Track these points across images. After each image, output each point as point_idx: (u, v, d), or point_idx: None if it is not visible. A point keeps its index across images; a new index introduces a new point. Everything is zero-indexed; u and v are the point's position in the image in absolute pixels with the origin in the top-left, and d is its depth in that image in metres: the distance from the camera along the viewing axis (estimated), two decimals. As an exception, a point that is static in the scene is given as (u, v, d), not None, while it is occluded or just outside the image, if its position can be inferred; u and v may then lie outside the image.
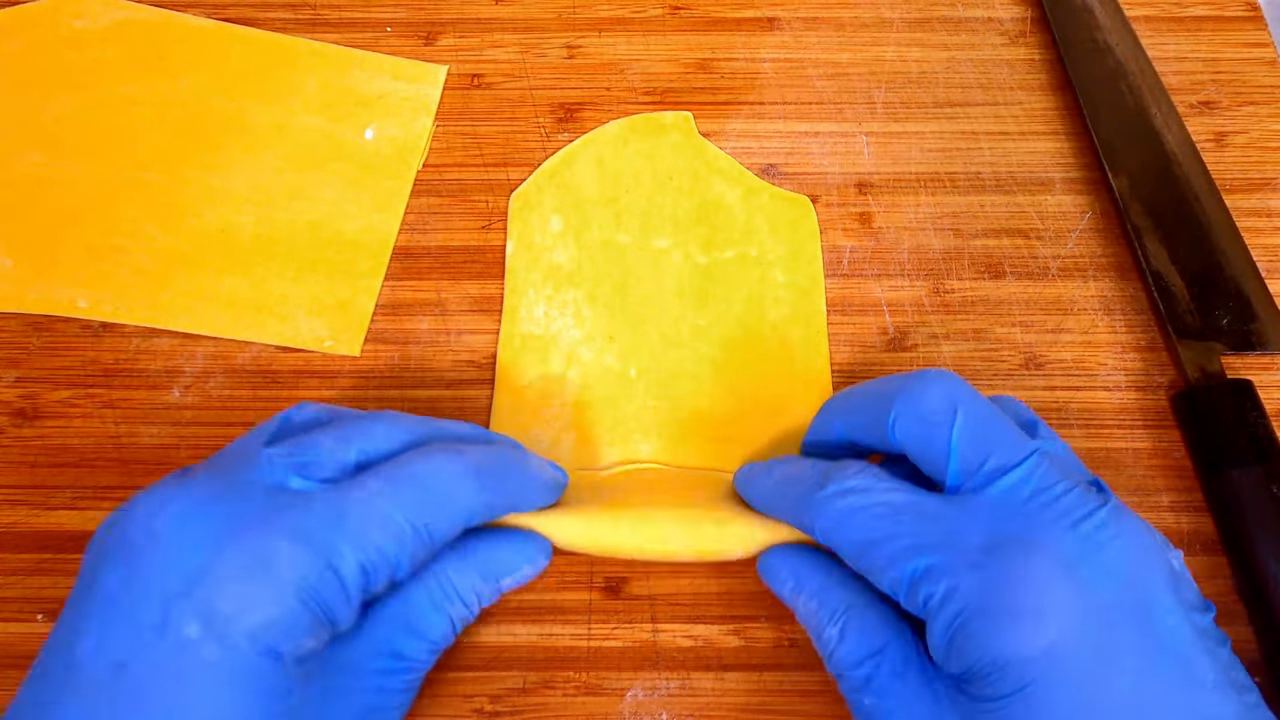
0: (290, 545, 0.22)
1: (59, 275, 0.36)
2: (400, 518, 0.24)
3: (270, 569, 0.22)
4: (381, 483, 0.24)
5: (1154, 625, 0.22)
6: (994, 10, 0.42)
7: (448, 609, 0.26)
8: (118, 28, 0.41)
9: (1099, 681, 0.21)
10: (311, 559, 0.22)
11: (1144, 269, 0.35)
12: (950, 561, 0.23)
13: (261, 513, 0.23)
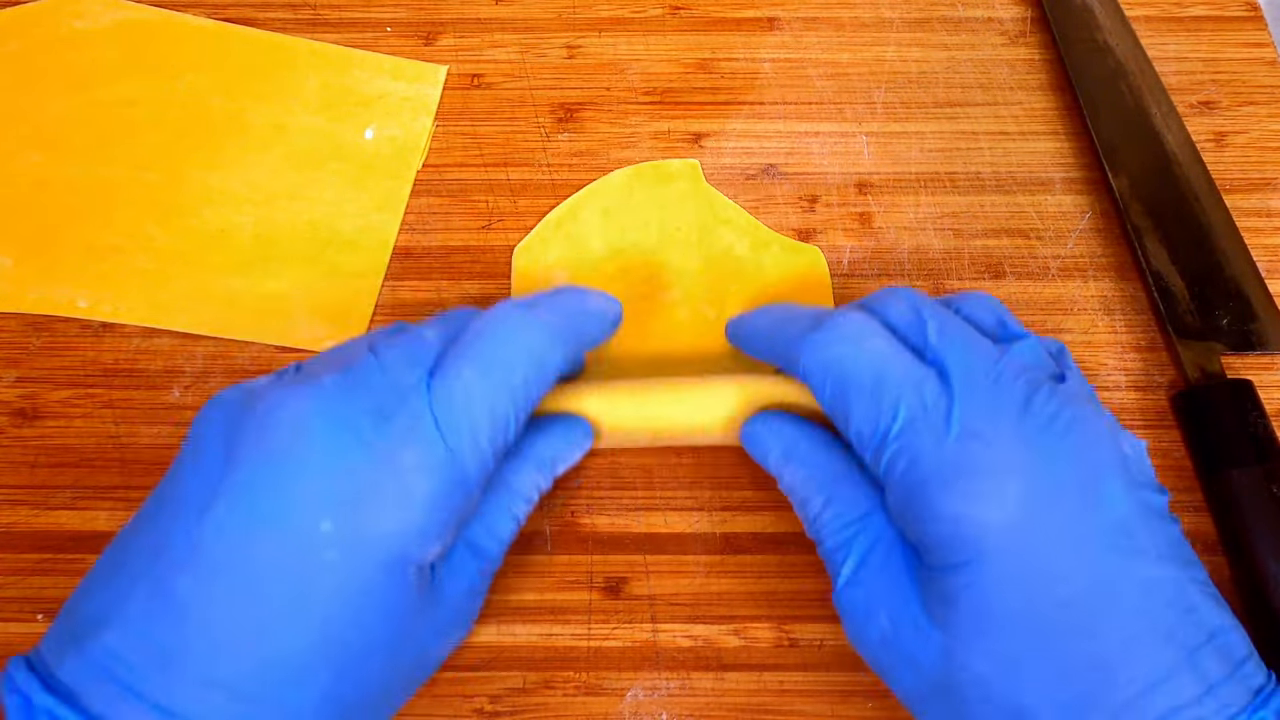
0: (418, 454, 0.23)
1: (59, 275, 0.36)
2: (504, 403, 0.24)
3: (402, 478, 0.23)
4: (475, 370, 0.24)
5: (1100, 501, 0.23)
6: (994, 10, 0.42)
7: (512, 509, 0.27)
8: (118, 28, 0.41)
9: (1043, 551, 0.22)
10: (440, 467, 0.23)
11: (1144, 269, 0.35)
12: (917, 425, 0.24)
13: (384, 416, 0.23)
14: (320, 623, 0.22)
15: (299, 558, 0.22)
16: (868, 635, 0.25)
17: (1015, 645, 0.22)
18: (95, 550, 0.32)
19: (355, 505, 0.22)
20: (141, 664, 0.21)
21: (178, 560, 0.22)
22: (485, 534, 0.27)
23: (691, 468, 0.33)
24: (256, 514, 0.22)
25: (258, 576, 0.22)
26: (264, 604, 0.22)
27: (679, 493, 0.33)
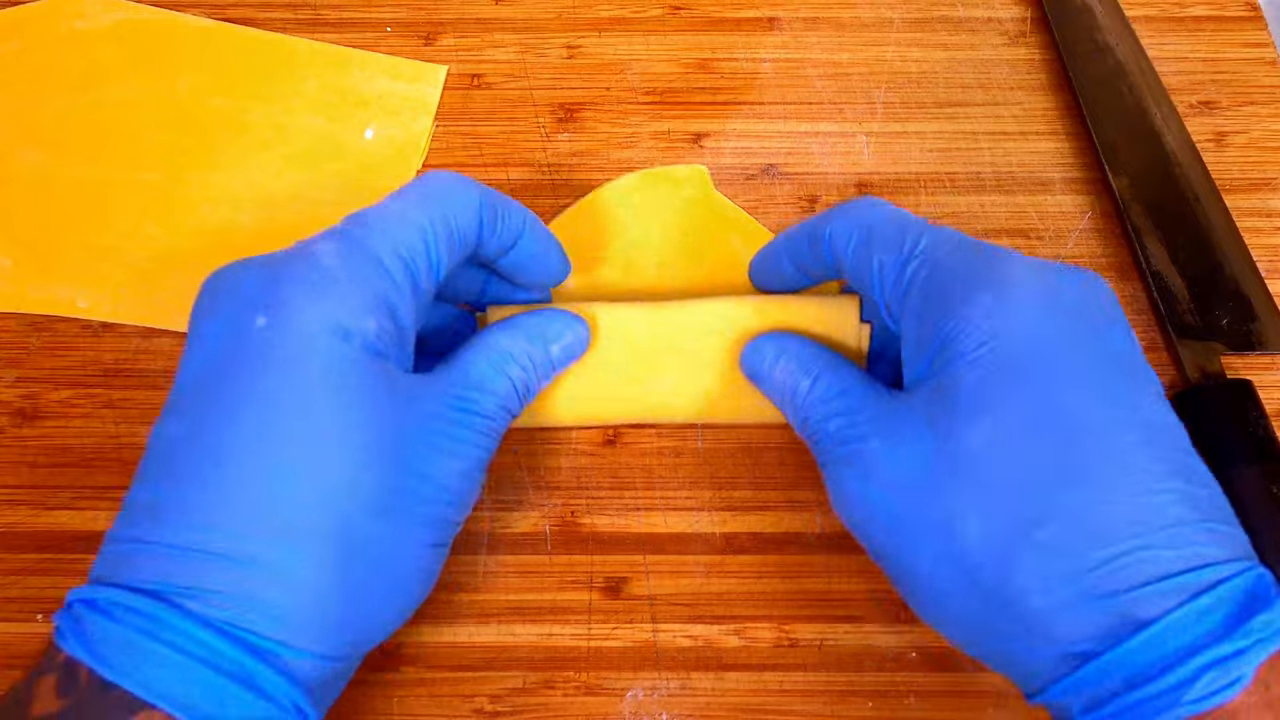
0: (331, 243, 0.25)
1: (59, 275, 0.36)
2: (417, 215, 0.26)
3: (316, 264, 0.24)
4: (392, 197, 0.27)
5: (1110, 341, 0.24)
6: (994, 10, 0.42)
7: (505, 369, 0.28)
8: (118, 28, 0.41)
9: (1051, 366, 0.23)
10: (351, 249, 0.25)
11: (1144, 269, 0.35)
12: (938, 239, 0.26)
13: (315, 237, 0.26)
14: (279, 413, 0.23)
15: (254, 358, 0.23)
16: (850, 489, 0.26)
17: (1017, 440, 0.23)
18: (95, 550, 0.32)
19: (276, 295, 0.24)
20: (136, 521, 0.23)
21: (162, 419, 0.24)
22: (474, 390, 0.27)
23: (691, 468, 0.33)
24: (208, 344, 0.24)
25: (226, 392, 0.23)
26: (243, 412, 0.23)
27: (679, 493, 0.33)
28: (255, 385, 0.23)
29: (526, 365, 0.29)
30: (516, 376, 0.28)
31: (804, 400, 0.28)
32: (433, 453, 0.25)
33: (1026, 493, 0.22)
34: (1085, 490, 0.22)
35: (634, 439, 0.34)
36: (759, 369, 0.30)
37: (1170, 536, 0.21)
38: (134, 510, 0.23)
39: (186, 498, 0.22)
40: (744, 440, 0.34)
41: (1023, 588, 0.22)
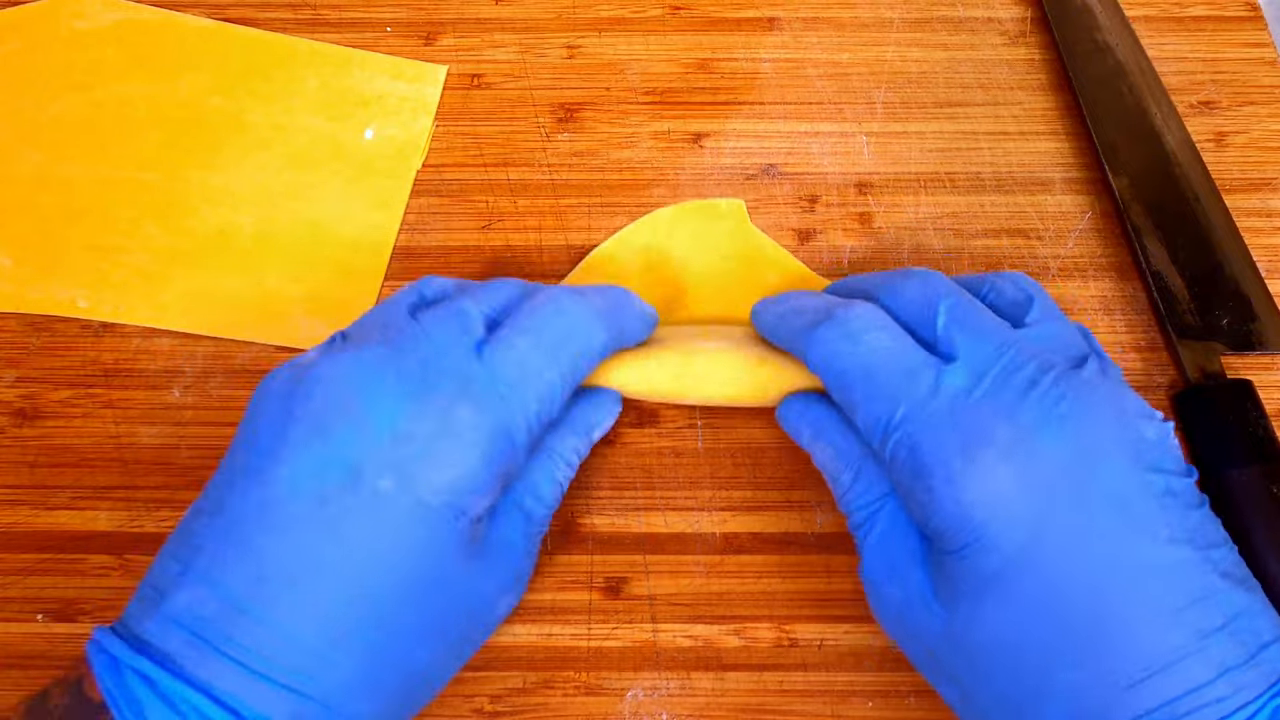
0: (471, 411, 0.24)
1: (59, 275, 0.36)
2: (553, 374, 0.26)
3: (456, 433, 0.24)
4: (528, 340, 0.26)
5: (1103, 484, 0.23)
6: (994, 10, 0.42)
7: (556, 474, 0.29)
8: (118, 28, 0.41)
9: (1040, 533, 0.23)
10: (490, 425, 0.24)
11: (1144, 269, 0.35)
12: (916, 416, 0.24)
13: (437, 379, 0.25)
14: (384, 570, 0.23)
15: (361, 512, 0.23)
16: (885, 607, 0.26)
17: (1017, 627, 0.23)
18: (95, 550, 0.32)
19: (412, 460, 0.24)
20: (215, 617, 0.22)
21: (240, 518, 0.23)
22: (531, 498, 0.28)
23: (691, 468, 0.33)
24: (315, 471, 0.23)
25: (320, 530, 0.23)
26: (329, 556, 0.23)
27: (679, 493, 0.33)
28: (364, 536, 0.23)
29: (573, 461, 0.29)
30: (564, 477, 0.29)
31: (845, 492, 0.28)
32: (501, 580, 0.27)
33: (1027, 681, 0.23)
34: (1082, 674, 0.22)
35: (634, 439, 0.34)
36: (798, 439, 0.29)
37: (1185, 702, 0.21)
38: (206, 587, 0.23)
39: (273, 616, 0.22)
40: (744, 440, 0.34)
41: None
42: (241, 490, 0.24)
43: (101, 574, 0.32)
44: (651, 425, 0.34)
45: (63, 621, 0.31)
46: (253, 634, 0.22)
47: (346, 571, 0.23)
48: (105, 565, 0.32)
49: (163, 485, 0.33)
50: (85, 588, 0.32)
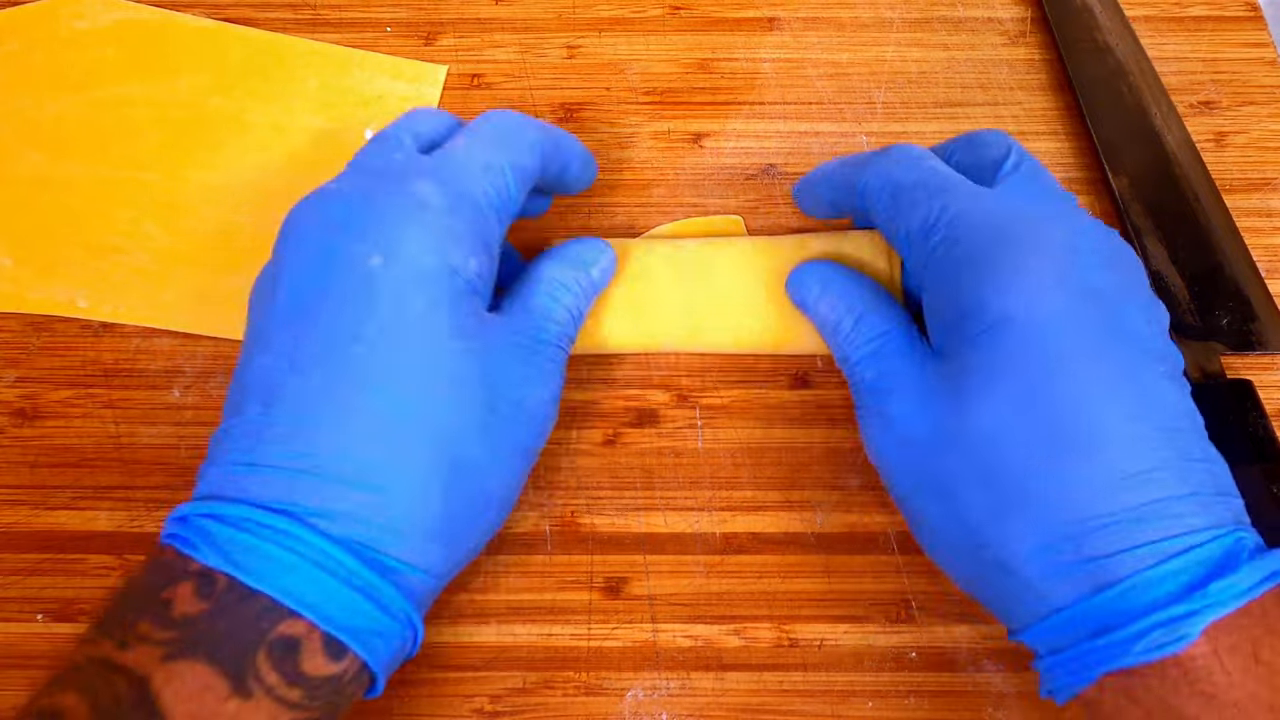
0: (431, 185, 0.26)
1: (59, 275, 0.36)
2: (494, 155, 0.28)
3: (425, 204, 0.26)
4: (467, 139, 0.29)
5: (1123, 320, 0.25)
6: (994, 10, 0.42)
7: (559, 297, 0.30)
8: (118, 28, 0.41)
9: (1057, 348, 0.24)
10: (444, 187, 0.27)
11: (1144, 269, 0.35)
12: (962, 211, 0.26)
13: (388, 173, 0.27)
14: (394, 338, 0.24)
15: (363, 291, 0.25)
16: (883, 427, 0.27)
17: (1020, 415, 0.24)
18: (95, 550, 0.32)
19: (391, 233, 0.25)
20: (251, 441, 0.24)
21: (255, 347, 0.25)
22: (539, 315, 0.29)
23: (691, 468, 0.33)
24: (312, 280, 0.25)
25: (320, 323, 0.25)
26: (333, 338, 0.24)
27: (679, 493, 0.33)
28: (370, 317, 0.24)
29: (575, 290, 0.30)
30: (569, 303, 0.30)
31: (845, 338, 0.29)
32: (521, 382, 0.27)
33: (1021, 467, 0.24)
34: (1073, 463, 0.23)
35: (634, 439, 0.34)
36: (805, 299, 0.31)
37: (1156, 508, 0.22)
38: (238, 437, 0.24)
39: (303, 423, 0.24)
40: (744, 440, 0.34)
41: (1013, 551, 0.24)
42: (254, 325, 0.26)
43: (101, 574, 0.32)
44: (651, 425, 0.34)
45: (63, 621, 0.31)
46: (291, 439, 0.24)
47: (358, 351, 0.24)
48: (105, 565, 0.32)
49: (163, 485, 0.33)
50: (85, 588, 0.32)
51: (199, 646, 0.22)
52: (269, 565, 0.23)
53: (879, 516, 0.33)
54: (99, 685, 0.21)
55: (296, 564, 0.23)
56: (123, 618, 0.23)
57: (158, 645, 0.22)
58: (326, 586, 0.23)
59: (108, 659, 0.22)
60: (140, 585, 0.23)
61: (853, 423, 0.34)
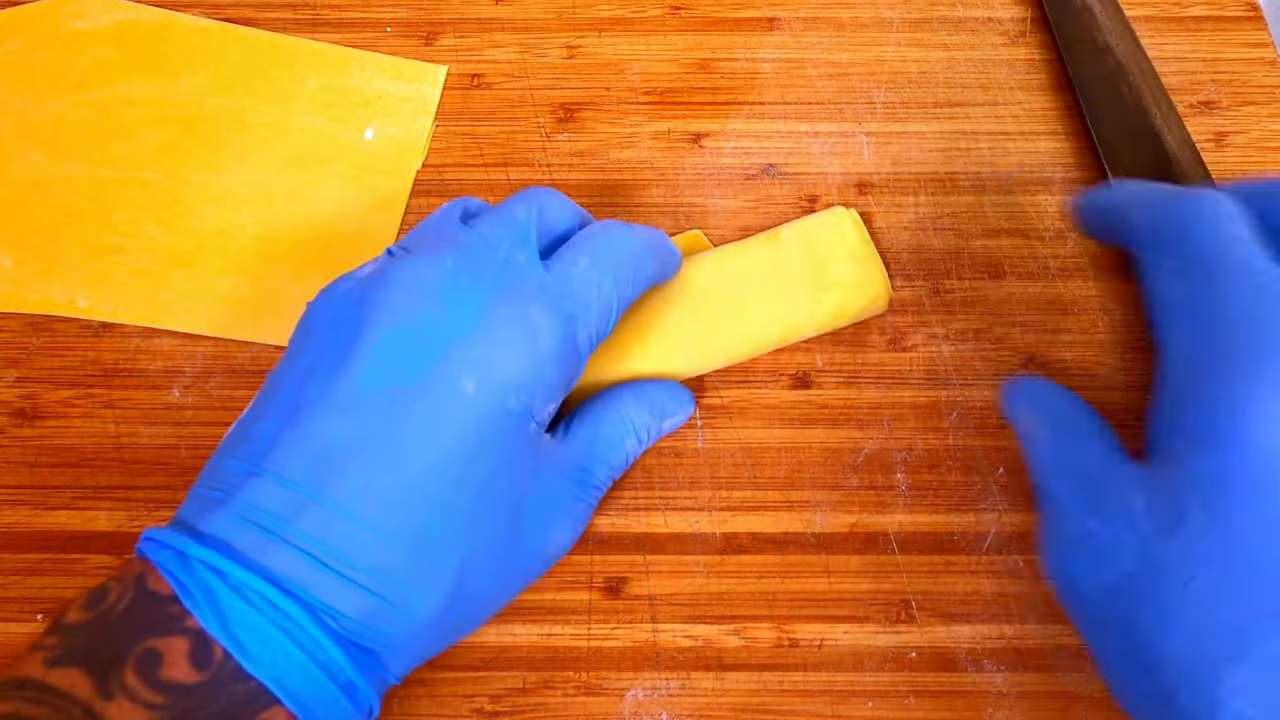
0: (546, 315, 0.25)
1: (59, 275, 0.36)
2: (610, 288, 0.27)
3: (532, 333, 0.25)
4: (589, 260, 0.27)
5: None
6: (994, 10, 0.42)
7: (624, 443, 0.29)
8: (118, 28, 0.41)
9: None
10: (562, 328, 0.25)
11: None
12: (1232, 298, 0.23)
13: (511, 282, 0.26)
14: (453, 466, 0.24)
15: (436, 407, 0.24)
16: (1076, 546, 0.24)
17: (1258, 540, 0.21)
18: (95, 550, 0.32)
19: (490, 357, 0.24)
20: (283, 510, 0.23)
21: (315, 412, 0.24)
22: (598, 459, 0.29)
23: (691, 468, 0.33)
24: (395, 369, 0.24)
25: (398, 424, 0.23)
26: (404, 449, 0.23)
27: (679, 493, 0.33)
28: (437, 435, 0.24)
29: (642, 439, 0.30)
30: (631, 449, 0.30)
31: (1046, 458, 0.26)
32: (553, 524, 0.28)
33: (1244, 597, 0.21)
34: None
35: (634, 439, 0.34)
36: (1014, 416, 0.28)
37: None
38: (272, 496, 0.23)
39: (343, 516, 0.23)
40: (744, 440, 0.34)
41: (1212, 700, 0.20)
42: (315, 389, 0.24)
43: (101, 574, 0.32)
44: (652, 425, 0.34)
45: (63, 621, 0.31)
46: (322, 523, 0.23)
47: (418, 465, 0.23)
48: (105, 565, 0.32)
49: (163, 485, 0.33)
50: (85, 588, 0.32)
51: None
52: (267, 651, 0.22)
53: (879, 516, 0.33)
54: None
55: (293, 655, 0.22)
56: (101, 645, 0.22)
57: (145, 708, 0.21)
58: (317, 682, 0.22)
59: (88, 707, 0.21)
60: (123, 614, 0.22)
61: (853, 423, 0.34)
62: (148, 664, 0.21)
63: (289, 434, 0.24)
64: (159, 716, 0.21)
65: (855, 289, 0.33)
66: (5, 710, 0.21)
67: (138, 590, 0.23)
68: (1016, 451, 0.33)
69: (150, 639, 0.22)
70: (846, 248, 0.33)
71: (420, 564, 0.24)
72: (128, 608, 0.22)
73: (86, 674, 0.21)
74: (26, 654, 0.22)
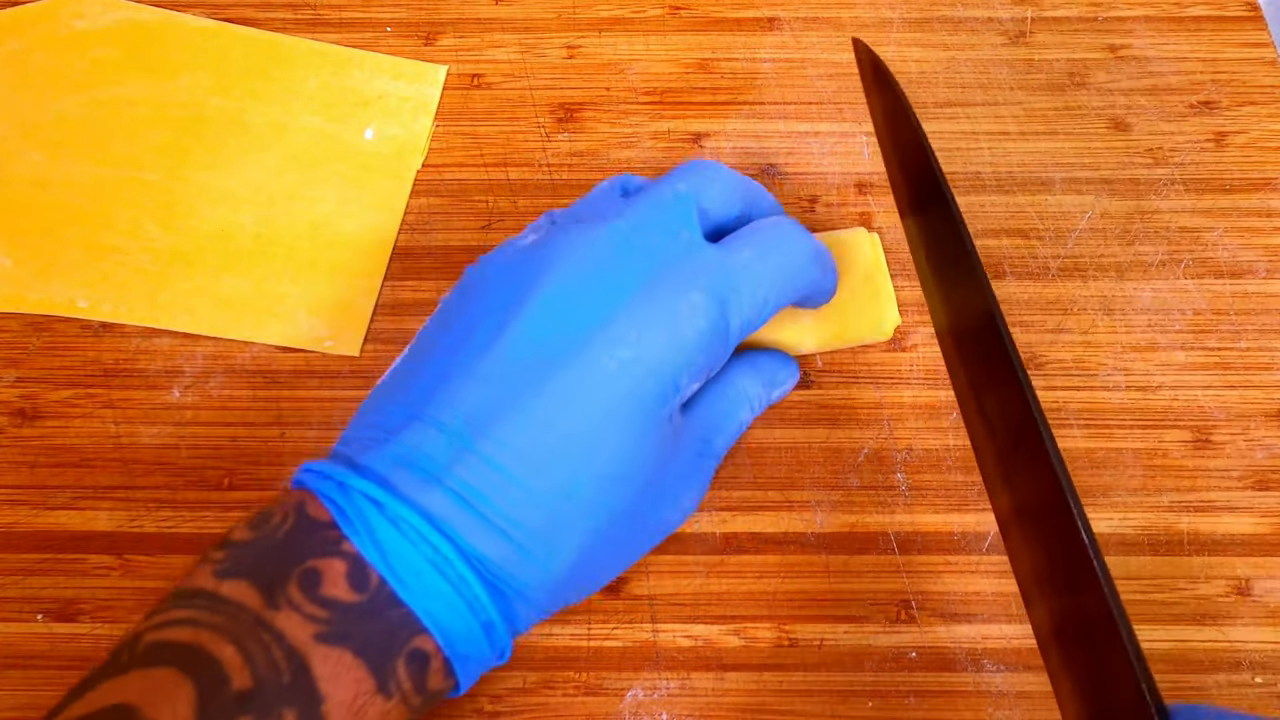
0: (703, 298, 0.25)
1: (59, 275, 0.36)
2: (767, 285, 0.27)
3: (693, 325, 0.25)
4: (754, 253, 0.27)
5: None
6: (994, 10, 0.42)
7: (739, 411, 0.29)
8: (118, 28, 0.41)
9: None
10: (716, 312, 0.25)
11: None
12: None
13: (674, 260, 0.26)
14: (602, 432, 0.24)
15: (592, 377, 0.24)
16: None
17: None
18: (95, 550, 0.32)
19: (645, 332, 0.25)
20: (441, 455, 0.24)
21: (476, 369, 0.24)
22: (715, 430, 0.29)
23: (691, 468, 0.33)
24: (554, 336, 0.25)
25: (553, 387, 0.24)
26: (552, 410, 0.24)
27: (679, 493, 0.33)
28: (593, 398, 0.24)
29: (754, 408, 0.30)
30: (744, 419, 0.30)
31: None
32: (680, 489, 0.28)
33: None
34: None
35: (634, 439, 0.34)
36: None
37: None
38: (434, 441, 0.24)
39: (500, 468, 0.24)
40: (744, 440, 0.34)
41: None
42: (476, 348, 0.25)
43: (101, 574, 0.32)
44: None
45: (63, 621, 0.31)
46: (476, 472, 0.23)
47: (567, 430, 0.24)
48: (105, 565, 0.32)
49: (163, 485, 0.33)
50: (85, 588, 0.32)
51: (350, 638, 0.22)
52: (419, 582, 0.23)
53: (879, 516, 0.33)
54: (255, 647, 0.21)
55: (442, 589, 0.23)
56: (266, 562, 0.23)
57: (310, 620, 0.22)
58: (462, 617, 0.23)
59: (259, 615, 0.22)
60: (286, 536, 0.23)
61: (853, 423, 0.34)
62: (309, 581, 0.22)
63: (449, 386, 0.25)
64: (322, 629, 0.22)
65: (861, 315, 0.32)
66: (183, 616, 0.22)
67: (299, 515, 0.24)
68: (1016, 451, 0.33)
69: (311, 559, 0.23)
70: (862, 272, 0.32)
71: (560, 523, 0.24)
72: (290, 530, 0.23)
73: (254, 586, 0.22)
74: (196, 566, 0.23)
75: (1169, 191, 0.38)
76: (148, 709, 0.20)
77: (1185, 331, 0.35)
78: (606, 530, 0.25)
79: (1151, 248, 0.37)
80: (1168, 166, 0.38)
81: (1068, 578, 0.23)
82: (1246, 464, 0.33)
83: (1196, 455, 0.33)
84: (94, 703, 0.21)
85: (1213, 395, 0.34)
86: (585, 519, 0.25)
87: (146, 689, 0.21)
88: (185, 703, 0.20)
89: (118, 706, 0.20)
